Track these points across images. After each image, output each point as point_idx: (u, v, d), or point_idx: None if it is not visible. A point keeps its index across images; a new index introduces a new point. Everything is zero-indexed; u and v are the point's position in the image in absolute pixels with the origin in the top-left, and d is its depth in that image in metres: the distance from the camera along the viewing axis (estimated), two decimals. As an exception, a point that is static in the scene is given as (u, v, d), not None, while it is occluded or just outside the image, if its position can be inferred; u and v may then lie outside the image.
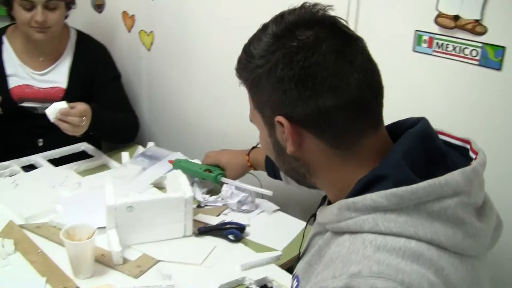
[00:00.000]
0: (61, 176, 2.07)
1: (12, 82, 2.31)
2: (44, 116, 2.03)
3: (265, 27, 1.00)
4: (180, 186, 1.71)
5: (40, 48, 2.31)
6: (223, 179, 1.91)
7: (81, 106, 2.04)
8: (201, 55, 2.32)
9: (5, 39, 2.34)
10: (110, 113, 2.27)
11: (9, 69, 2.31)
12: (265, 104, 1.01)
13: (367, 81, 0.95)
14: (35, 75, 2.33)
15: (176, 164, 1.98)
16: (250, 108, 1.08)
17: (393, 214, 0.89)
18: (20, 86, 2.31)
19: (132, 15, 2.56)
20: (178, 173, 1.79)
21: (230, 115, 2.24)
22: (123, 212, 1.61)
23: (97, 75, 2.39)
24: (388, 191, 0.89)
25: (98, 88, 2.38)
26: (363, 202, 0.91)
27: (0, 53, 2.32)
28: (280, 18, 0.98)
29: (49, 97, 2.29)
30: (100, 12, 2.71)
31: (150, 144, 2.29)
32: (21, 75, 2.32)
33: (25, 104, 2.31)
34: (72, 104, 2.04)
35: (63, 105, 1.99)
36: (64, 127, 2.01)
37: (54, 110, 1.99)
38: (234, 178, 1.93)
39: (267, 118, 1.02)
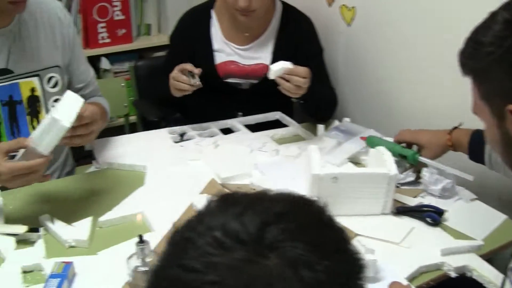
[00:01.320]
0: (259, 142, 2.13)
1: (218, 58, 2.33)
2: (246, 90, 2.05)
3: (493, 14, 0.98)
4: (385, 162, 1.69)
5: (246, 25, 2.29)
6: (421, 158, 1.84)
7: (304, 68, 2.00)
8: (404, 34, 2.27)
9: (213, 14, 2.35)
10: (316, 85, 2.18)
11: (216, 44, 2.34)
12: (494, 93, 0.99)
13: None
14: (239, 50, 2.34)
15: (369, 141, 1.97)
16: (473, 99, 1.05)
17: None
18: (225, 63, 2.33)
19: (335, -10, 2.56)
20: (383, 149, 1.77)
21: (429, 97, 2.18)
22: (327, 182, 1.63)
23: (302, 49, 2.34)
24: None
25: (301, 62, 2.23)
26: None
27: (208, 27, 2.35)
28: (510, 4, 0.96)
29: (253, 74, 2.33)
30: (301, -14, 2.73)
31: (346, 120, 2.29)
32: (226, 51, 2.34)
33: (229, 80, 2.33)
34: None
35: (289, 65, 1.97)
36: (286, 86, 1.98)
37: (279, 69, 1.95)
38: (432, 158, 1.86)
39: (496, 108, 1.00)
